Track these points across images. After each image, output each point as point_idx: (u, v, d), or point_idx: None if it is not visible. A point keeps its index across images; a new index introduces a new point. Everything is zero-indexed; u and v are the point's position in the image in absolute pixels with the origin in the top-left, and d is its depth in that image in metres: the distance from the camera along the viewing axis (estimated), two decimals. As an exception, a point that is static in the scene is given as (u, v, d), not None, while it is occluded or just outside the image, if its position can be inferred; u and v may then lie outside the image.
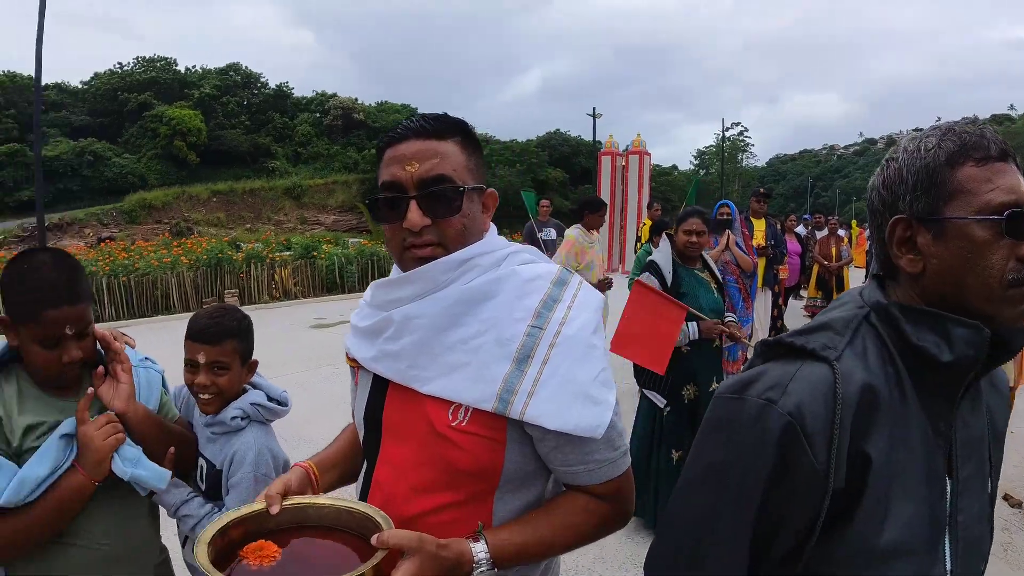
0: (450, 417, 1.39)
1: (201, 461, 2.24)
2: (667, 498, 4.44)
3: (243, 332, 2.23)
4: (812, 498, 1.06)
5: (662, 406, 4.67)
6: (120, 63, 58.99)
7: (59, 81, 55.33)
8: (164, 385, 2.23)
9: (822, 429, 1.05)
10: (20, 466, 1.79)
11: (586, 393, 1.37)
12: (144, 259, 16.47)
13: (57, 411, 1.90)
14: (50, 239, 28.48)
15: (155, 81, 55.79)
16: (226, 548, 1.34)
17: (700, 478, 1.18)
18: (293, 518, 1.44)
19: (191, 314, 2.39)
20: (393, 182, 1.41)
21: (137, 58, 59.35)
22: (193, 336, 2.17)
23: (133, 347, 2.16)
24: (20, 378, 1.92)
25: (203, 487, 2.22)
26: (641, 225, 14.93)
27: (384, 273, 17.35)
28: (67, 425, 1.87)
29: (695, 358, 4.62)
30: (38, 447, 1.83)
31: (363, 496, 1.53)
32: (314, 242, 21.39)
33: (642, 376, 4.73)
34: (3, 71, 51.57)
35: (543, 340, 1.38)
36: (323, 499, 1.46)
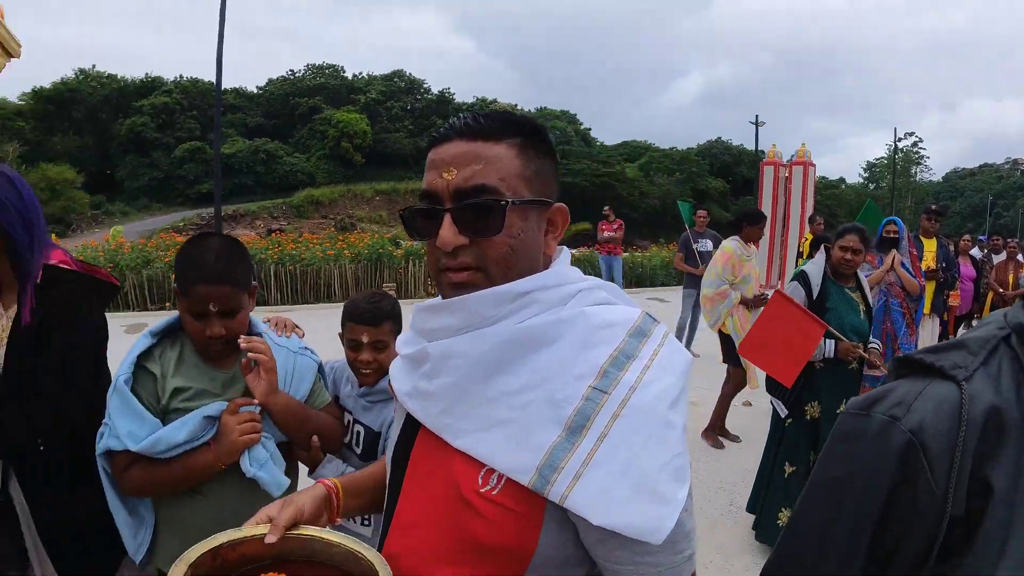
0: (480, 481, 1.13)
1: (358, 428, 2.45)
2: (774, 508, 4.51)
3: (396, 314, 2.46)
4: (929, 520, 1.00)
5: (783, 416, 4.59)
6: (292, 70, 62.51)
7: (237, 86, 58.59)
8: (321, 371, 2.38)
9: (944, 450, 0.99)
10: (164, 423, 2.00)
11: (650, 485, 1.05)
12: (310, 251, 17.34)
13: (208, 379, 2.08)
14: (225, 228, 30.22)
15: (324, 87, 58.45)
16: (218, 571, 1.20)
17: (822, 492, 1.14)
18: (300, 549, 1.26)
19: (350, 303, 2.62)
20: (429, 191, 1.18)
21: (307, 65, 62.58)
22: (356, 319, 2.39)
23: (301, 337, 2.35)
24: (184, 345, 2.13)
25: (359, 451, 2.44)
26: (803, 240, 14.41)
27: None
28: (214, 408, 2.02)
29: (826, 377, 4.47)
30: (182, 409, 2.02)
31: (382, 539, 1.29)
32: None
33: (772, 382, 4.63)
34: (187, 77, 55.45)
35: (605, 408, 1.07)
36: (332, 535, 1.26)
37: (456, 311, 1.17)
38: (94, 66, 54.07)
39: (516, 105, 62.05)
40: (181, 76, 55.60)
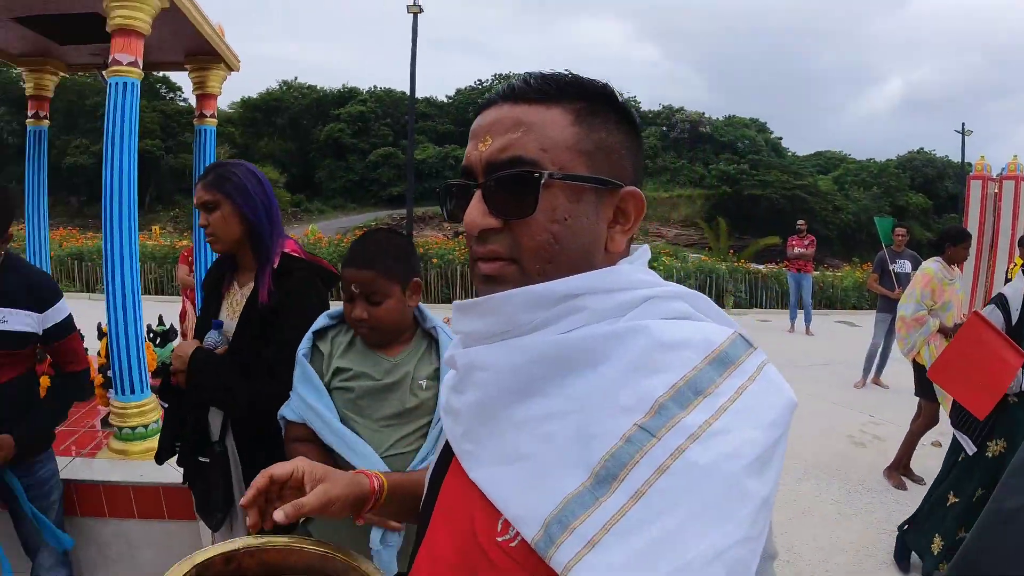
0: (499, 527, 0.87)
1: None
2: (928, 534, 4.33)
3: None
4: None
5: (970, 453, 4.24)
6: (479, 79, 64.76)
7: (428, 96, 61.28)
8: None
9: None
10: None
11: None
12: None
13: (371, 364, 2.14)
14: (414, 229, 31.57)
15: (511, 96, 59.89)
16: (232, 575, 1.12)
17: (994, 521, 1.08)
18: (324, 565, 1.16)
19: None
20: (464, 165, 0.99)
21: (494, 75, 64.11)
22: None
23: None
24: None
25: None
26: (1012, 265, 13.34)
27: (720, 291, 16.66)
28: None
29: (1019, 414, 4.08)
30: (342, 388, 2.12)
31: (410, 563, 1.06)
32: (654, 254, 21.36)
33: (959, 415, 4.30)
34: (381, 87, 59.28)
35: (649, 456, 0.76)
36: (364, 563, 1.15)
37: (484, 313, 0.94)
38: (296, 78, 59.37)
39: (703, 113, 61.02)
40: (375, 87, 59.40)
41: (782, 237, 19.20)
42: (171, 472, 3.18)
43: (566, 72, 0.97)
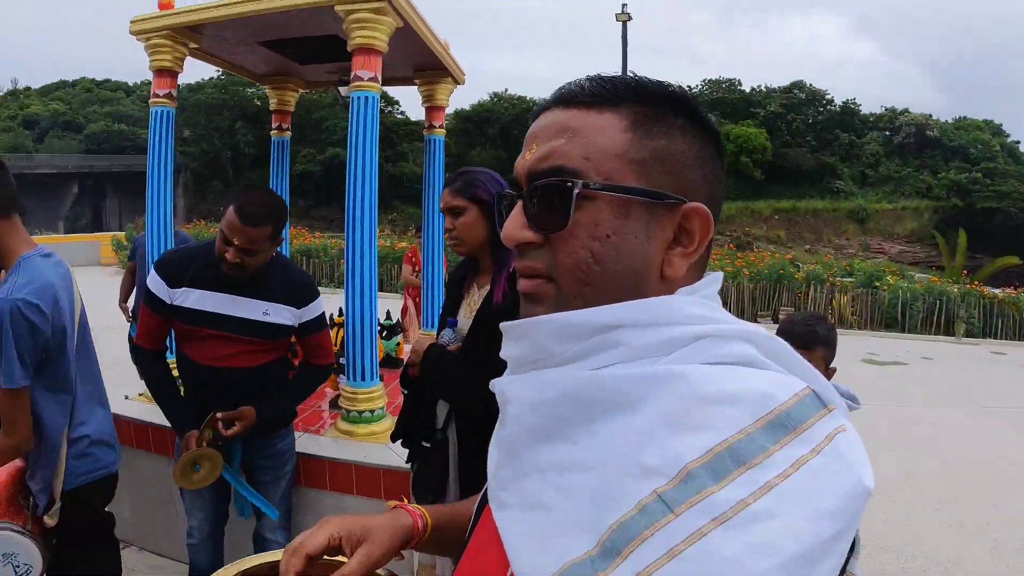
0: None
1: None
2: None
3: (832, 341, 2.67)
4: None
5: None
6: (690, 86, 63.12)
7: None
8: None
9: None
10: None
11: None
12: (709, 266, 17.74)
13: None
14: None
15: (721, 101, 58.19)
16: None
17: None
18: None
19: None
20: (513, 175, 0.90)
21: (704, 80, 62.98)
22: (791, 340, 2.53)
23: None
24: None
25: None
26: None
27: (950, 317, 15.18)
28: None
29: None
30: None
31: None
32: (878, 271, 20.19)
33: None
34: None
35: (662, 533, 0.63)
36: None
37: (518, 338, 0.86)
38: (506, 90, 61.90)
39: (931, 115, 56.69)
40: (580, 96, 60.32)
41: (1022, 257, 17.57)
42: (392, 456, 3.51)
43: (630, 74, 0.88)
